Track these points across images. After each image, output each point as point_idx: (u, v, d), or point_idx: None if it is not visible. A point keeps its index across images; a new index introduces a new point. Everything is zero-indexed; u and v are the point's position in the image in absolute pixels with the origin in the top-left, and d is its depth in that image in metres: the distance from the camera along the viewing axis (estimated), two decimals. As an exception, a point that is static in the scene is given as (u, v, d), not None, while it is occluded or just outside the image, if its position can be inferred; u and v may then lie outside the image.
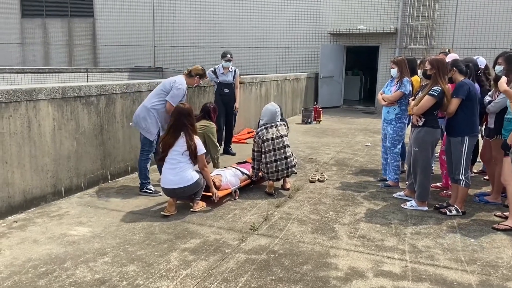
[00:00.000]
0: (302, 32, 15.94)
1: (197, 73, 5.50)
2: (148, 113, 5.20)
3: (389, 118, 5.82)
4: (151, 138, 5.26)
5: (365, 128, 11.20)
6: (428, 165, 5.01)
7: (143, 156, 5.33)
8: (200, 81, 5.61)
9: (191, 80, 5.49)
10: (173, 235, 4.14)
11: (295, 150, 7.99)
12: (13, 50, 20.76)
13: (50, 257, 3.62)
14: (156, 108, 5.21)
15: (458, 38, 14.02)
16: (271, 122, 5.55)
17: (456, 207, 4.86)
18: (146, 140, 5.28)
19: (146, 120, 5.20)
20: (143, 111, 5.23)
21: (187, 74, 5.46)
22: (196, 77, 5.49)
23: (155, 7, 17.98)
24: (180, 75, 5.49)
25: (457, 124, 4.73)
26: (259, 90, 10.61)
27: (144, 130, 5.24)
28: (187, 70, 5.53)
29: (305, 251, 3.86)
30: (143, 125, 5.23)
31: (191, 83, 5.51)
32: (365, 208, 5.04)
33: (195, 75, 5.47)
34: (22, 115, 4.52)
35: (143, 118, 5.22)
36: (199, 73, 5.51)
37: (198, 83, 5.60)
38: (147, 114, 5.21)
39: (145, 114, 5.22)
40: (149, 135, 5.25)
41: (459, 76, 4.82)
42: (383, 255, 3.82)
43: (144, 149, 5.33)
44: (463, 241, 4.16)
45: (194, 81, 5.51)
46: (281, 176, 5.48)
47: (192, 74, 5.46)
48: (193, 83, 5.54)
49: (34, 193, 4.74)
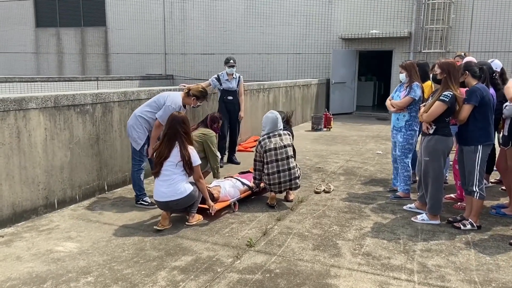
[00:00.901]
0: (313, 37, 15.67)
1: (194, 94, 5.19)
2: (136, 121, 5.05)
3: (398, 126, 5.51)
4: (137, 148, 5.08)
5: (377, 135, 10.85)
6: (440, 176, 4.67)
7: (134, 167, 5.16)
8: (197, 103, 5.26)
9: (188, 99, 5.20)
10: (164, 251, 3.90)
11: (302, 159, 7.71)
12: (28, 60, 20.98)
13: (31, 276, 3.41)
14: (144, 116, 5.04)
15: (475, 41, 13.58)
16: (274, 130, 5.29)
17: (470, 221, 4.52)
18: (134, 150, 5.12)
19: (134, 129, 5.05)
20: (132, 118, 5.10)
21: (186, 93, 5.21)
22: (193, 98, 5.19)
23: (166, 15, 17.94)
24: (179, 93, 5.26)
25: (469, 132, 4.39)
26: (267, 97, 10.36)
27: (132, 139, 5.08)
28: (187, 88, 5.28)
29: (303, 271, 3.57)
30: (131, 134, 5.08)
31: (187, 102, 5.22)
32: (372, 221, 4.73)
33: (192, 95, 5.19)
34: (10, 125, 4.34)
35: (131, 126, 5.08)
36: (196, 94, 5.19)
37: (194, 104, 5.25)
38: (135, 122, 5.06)
39: (134, 121, 5.07)
40: (135, 144, 5.09)
41: (472, 80, 4.49)
42: (389, 276, 3.51)
43: (135, 159, 5.15)
44: (478, 259, 3.82)
45: (191, 101, 5.21)
46: (283, 189, 5.20)
47: (190, 94, 5.19)
48: (189, 103, 5.23)
49: (24, 206, 4.55)
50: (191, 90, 5.21)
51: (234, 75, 7.29)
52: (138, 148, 5.07)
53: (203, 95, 5.28)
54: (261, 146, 5.22)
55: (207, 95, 5.41)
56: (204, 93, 5.28)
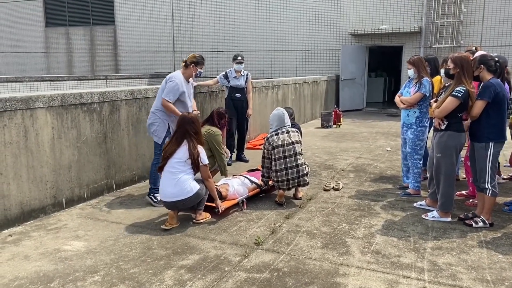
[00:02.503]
0: (322, 33, 15.55)
1: (192, 61, 5.18)
2: (153, 116, 5.13)
3: (409, 122, 5.42)
4: (159, 142, 5.14)
5: (387, 131, 10.73)
6: (452, 173, 4.58)
7: (154, 160, 5.22)
8: (198, 69, 5.23)
9: (188, 70, 5.20)
10: (171, 250, 3.88)
11: (311, 156, 7.64)
12: (38, 59, 21.15)
13: (38, 275, 3.41)
14: (159, 109, 5.10)
15: (487, 35, 13.35)
16: (281, 126, 5.24)
17: (482, 218, 4.43)
18: (156, 143, 5.18)
19: (153, 125, 5.14)
20: (150, 117, 5.19)
21: (184, 66, 5.21)
22: (191, 66, 5.18)
23: (175, 13, 17.94)
24: (178, 70, 5.26)
25: (481, 128, 4.29)
26: (276, 94, 10.29)
27: (153, 134, 5.17)
28: (183, 60, 5.25)
29: (312, 269, 3.52)
30: (151, 130, 5.17)
31: (189, 74, 5.21)
32: (382, 219, 4.66)
33: (190, 64, 5.17)
34: (17, 124, 4.35)
35: (150, 124, 5.17)
36: (193, 60, 5.18)
37: (195, 72, 5.23)
38: (153, 118, 5.14)
39: (152, 119, 5.16)
40: (156, 139, 5.16)
41: (487, 74, 4.36)
42: (399, 274, 3.45)
43: (156, 152, 5.21)
44: (490, 257, 3.74)
45: (191, 70, 5.20)
46: (292, 186, 5.15)
47: (188, 64, 5.17)
48: (191, 73, 5.22)
49: (32, 205, 4.56)
50: (187, 60, 5.20)
51: (242, 72, 7.23)
52: (160, 142, 5.12)
53: (200, 60, 5.26)
54: (269, 143, 5.17)
55: (202, 58, 5.34)
56: (199, 58, 5.27)
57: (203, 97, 7.37)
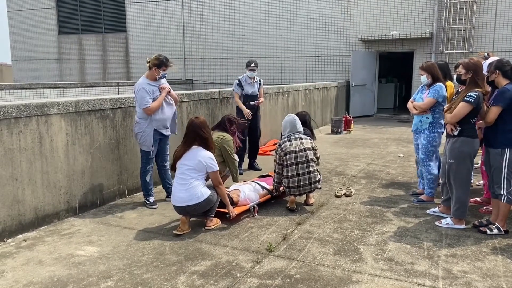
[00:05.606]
0: (332, 40, 15.56)
1: (153, 63, 4.97)
2: (137, 126, 5.16)
3: (422, 128, 5.38)
4: (148, 150, 5.17)
5: (399, 137, 10.67)
6: (467, 179, 4.53)
7: (141, 168, 5.30)
8: (161, 72, 5.00)
9: (151, 73, 5.04)
10: (183, 256, 3.88)
11: (322, 162, 7.62)
12: (51, 66, 21.43)
13: (52, 281, 3.43)
14: (141, 117, 5.10)
15: (499, 41, 13.26)
16: (294, 132, 5.25)
17: (497, 225, 4.37)
18: (142, 152, 5.24)
19: (139, 134, 5.16)
20: (135, 126, 5.23)
21: (148, 68, 5.09)
22: (154, 68, 4.99)
23: (185, 20, 18.09)
24: (142, 75, 5.18)
25: (496, 134, 4.25)
26: (286, 100, 10.30)
27: (141, 143, 5.18)
28: (147, 61, 5.09)
29: (324, 276, 3.50)
30: (138, 139, 5.20)
31: (152, 77, 5.04)
32: (394, 226, 4.62)
33: (152, 67, 5.00)
34: (33, 130, 4.41)
35: (137, 133, 5.18)
36: (154, 62, 4.97)
37: (158, 75, 5.00)
38: (137, 127, 5.16)
39: (137, 128, 5.17)
40: (146, 148, 5.18)
41: (503, 80, 4.31)
42: (413, 282, 3.41)
43: (142, 161, 5.28)
44: (506, 265, 3.69)
45: (154, 72, 5.01)
46: (303, 192, 5.14)
47: (150, 67, 5.04)
48: (154, 76, 5.03)
49: (46, 210, 4.61)
50: (150, 62, 5.04)
51: (255, 79, 7.18)
52: (149, 150, 5.16)
53: (161, 61, 5.02)
54: (281, 149, 5.17)
55: (166, 59, 5.10)
56: (161, 59, 5.03)
57: (214, 103, 7.40)
